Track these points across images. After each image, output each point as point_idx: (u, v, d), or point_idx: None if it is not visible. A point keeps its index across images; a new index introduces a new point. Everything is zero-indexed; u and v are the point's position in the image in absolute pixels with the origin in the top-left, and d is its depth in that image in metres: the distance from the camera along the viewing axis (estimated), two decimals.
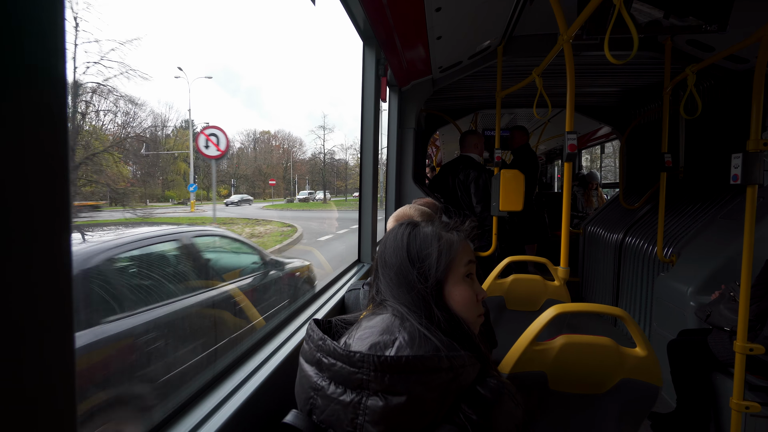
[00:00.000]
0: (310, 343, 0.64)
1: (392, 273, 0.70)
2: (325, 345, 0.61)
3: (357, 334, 0.64)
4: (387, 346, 0.59)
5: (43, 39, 0.35)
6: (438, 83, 2.91)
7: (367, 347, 0.60)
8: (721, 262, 2.17)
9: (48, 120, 0.36)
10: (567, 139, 1.82)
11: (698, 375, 1.87)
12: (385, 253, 0.73)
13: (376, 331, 0.62)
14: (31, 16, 0.34)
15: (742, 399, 1.53)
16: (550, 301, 1.93)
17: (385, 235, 0.77)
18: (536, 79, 2.24)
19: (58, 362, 0.38)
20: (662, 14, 1.72)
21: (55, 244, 0.37)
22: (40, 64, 0.35)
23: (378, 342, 0.60)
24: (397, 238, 0.72)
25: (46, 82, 0.36)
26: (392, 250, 0.72)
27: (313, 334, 0.64)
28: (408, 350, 0.58)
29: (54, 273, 0.37)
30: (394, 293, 0.69)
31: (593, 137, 5.69)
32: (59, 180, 0.37)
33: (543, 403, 1.20)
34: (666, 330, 2.33)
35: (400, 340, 0.60)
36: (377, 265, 0.75)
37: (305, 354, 0.64)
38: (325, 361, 0.60)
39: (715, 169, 2.78)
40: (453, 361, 0.58)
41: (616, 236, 3.34)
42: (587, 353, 1.14)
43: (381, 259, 0.74)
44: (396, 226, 0.76)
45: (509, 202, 2.56)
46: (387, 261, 0.72)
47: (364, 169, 2.15)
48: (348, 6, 1.65)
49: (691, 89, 2.17)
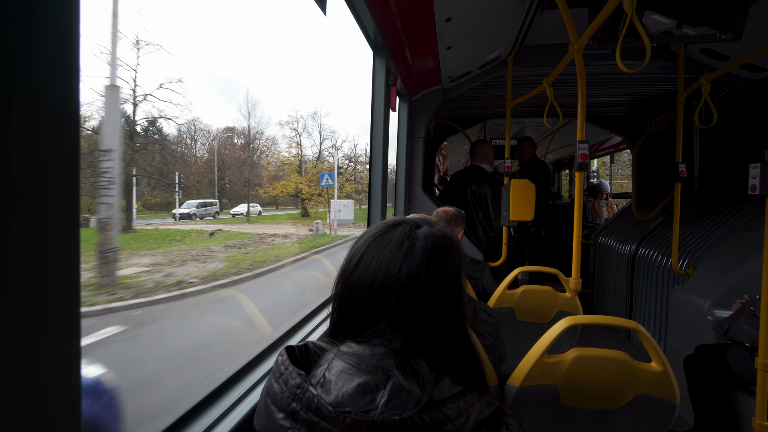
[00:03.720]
0: (282, 386, 0.52)
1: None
2: (304, 397, 0.50)
3: (338, 366, 0.53)
4: (378, 388, 0.50)
5: (55, 38, 0.36)
6: (448, 93, 2.92)
7: (353, 389, 0.50)
8: (739, 275, 2.11)
9: (58, 121, 0.36)
10: (578, 149, 1.80)
11: (717, 392, 1.80)
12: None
13: (363, 368, 0.52)
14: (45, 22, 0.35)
15: (765, 419, 1.47)
16: (561, 312, 1.90)
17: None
18: (547, 88, 2.23)
19: (62, 362, 0.38)
20: (675, 24, 1.70)
21: (64, 243, 0.37)
22: (53, 66, 0.36)
23: (366, 382, 0.50)
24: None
25: (59, 83, 0.36)
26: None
27: (285, 373, 0.52)
28: (404, 395, 0.50)
29: (60, 269, 0.37)
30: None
31: (602, 147, 5.64)
32: (68, 180, 0.37)
33: (554, 419, 1.16)
34: (682, 345, 2.26)
35: (395, 381, 0.50)
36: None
37: (274, 397, 0.52)
38: (303, 415, 0.49)
39: (731, 179, 2.72)
40: (459, 408, 0.50)
41: (629, 247, 3.28)
42: (600, 367, 1.11)
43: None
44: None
45: (519, 212, 2.53)
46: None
47: (374, 178, 2.15)
48: (359, 16, 1.67)
49: (705, 99, 2.14)
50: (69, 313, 0.38)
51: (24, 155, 0.33)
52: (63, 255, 0.37)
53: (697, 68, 2.46)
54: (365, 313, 0.55)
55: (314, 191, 25.83)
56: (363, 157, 30.61)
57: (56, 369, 0.37)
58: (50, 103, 0.35)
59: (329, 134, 33.16)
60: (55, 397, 0.37)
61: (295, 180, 25.62)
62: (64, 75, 0.37)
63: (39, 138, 0.34)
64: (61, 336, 0.37)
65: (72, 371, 0.38)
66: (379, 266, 0.56)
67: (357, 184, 27.12)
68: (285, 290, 7.07)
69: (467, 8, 1.82)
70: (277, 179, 26.00)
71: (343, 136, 65.42)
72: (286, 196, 26.18)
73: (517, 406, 1.14)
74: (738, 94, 2.65)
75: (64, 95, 0.37)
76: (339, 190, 24.31)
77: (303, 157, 27.36)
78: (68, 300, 0.38)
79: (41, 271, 0.35)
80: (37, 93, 0.34)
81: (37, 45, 0.34)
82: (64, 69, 0.37)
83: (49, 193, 0.36)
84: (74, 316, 0.38)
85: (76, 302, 0.38)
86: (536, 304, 1.92)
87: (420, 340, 0.54)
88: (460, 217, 1.71)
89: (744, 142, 2.60)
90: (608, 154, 6.09)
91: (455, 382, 0.53)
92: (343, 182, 26.68)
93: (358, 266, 0.57)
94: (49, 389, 0.36)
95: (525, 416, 1.16)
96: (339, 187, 24.95)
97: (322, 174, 22.08)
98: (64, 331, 0.38)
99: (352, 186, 26.92)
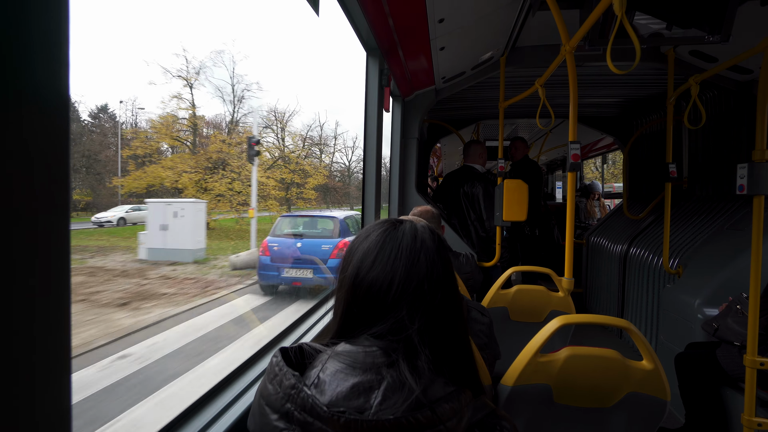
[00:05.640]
0: (277, 387, 0.52)
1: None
2: (299, 398, 0.50)
3: (332, 366, 0.53)
4: (373, 389, 0.50)
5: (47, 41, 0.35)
6: (441, 93, 2.92)
7: (347, 389, 0.50)
8: (728, 273, 2.14)
9: (50, 122, 0.36)
10: (570, 149, 1.82)
11: (707, 389, 1.83)
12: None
13: (358, 368, 0.52)
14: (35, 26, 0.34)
15: (753, 415, 1.49)
16: (554, 312, 1.91)
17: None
18: (539, 89, 2.25)
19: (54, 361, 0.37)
20: (664, 25, 1.72)
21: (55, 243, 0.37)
22: (44, 66, 0.35)
23: (361, 382, 0.51)
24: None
25: (49, 84, 0.36)
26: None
27: (279, 374, 0.53)
28: (398, 395, 0.50)
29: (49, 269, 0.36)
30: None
31: (594, 147, 5.70)
32: (59, 179, 0.37)
33: (548, 418, 1.17)
34: (673, 342, 2.29)
35: (388, 380, 0.51)
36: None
37: (268, 398, 0.52)
38: (298, 416, 0.49)
39: (719, 179, 2.76)
40: (453, 408, 0.50)
41: (621, 247, 3.31)
42: (593, 366, 1.12)
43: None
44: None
45: (513, 212, 2.55)
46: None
47: (368, 179, 2.15)
48: (352, 17, 1.67)
49: (694, 99, 2.17)
50: (58, 314, 0.37)
51: (11, 152, 0.33)
52: (52, 254, 0.37)
53: (686, 69, 2.50)
54: (382, 307, 0.56)
55: (215, 183, 14.93)
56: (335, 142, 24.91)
57: (47, 373, 0.36)
58: (39, 99, 0.35)
59: (250, 89, 21.05)
60: (45, 398, 0.36)
61: (173, 165, 14.74)
62: (53, 71, 0.36)
63: (28, 134, 0.34)
64: (51, 335, 0.37)
65: (63, 374, 0.38)
66: (399, 259, 0.58)
67: (295, 174, 17.37)
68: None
69: (460, 9, 1.83)
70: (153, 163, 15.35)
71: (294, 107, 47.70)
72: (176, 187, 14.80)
73: (511, 405, 1.15)
74: (726, 95, 2.69)
75: (54, 91, 0.36)
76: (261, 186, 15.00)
77: (197, 122, 16.62)
78: (58, 301, 0.37)
79: (30, 270, 0.35)
80: (28, 89, 0.34)
81: (27, 41, 0.34)
82: (54, 65, 0.36)
83: (37, 191, 0.35)
84: (64, 316, 0.38)
85: (66, 303, 0.38)
86: (529, 304, 1.93)
87: (429, 331, 0.55)
88: (438, 216, 1.76)
89: (732, 142, 2.64)
90: (600, 155, 6.15)
91: (449, 383, 0.53)
92: (288, 174, 16.55)
93: (375, 262, 0.58)
94: (39, 388, 0.36)
95: (518, 415, 1.16)
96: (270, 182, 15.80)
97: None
98: (54, 331, 0.37)
99: (285, 176, 16.76)
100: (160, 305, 6.88)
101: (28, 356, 0.35)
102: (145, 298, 7.19)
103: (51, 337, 0.37)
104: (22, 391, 0.35)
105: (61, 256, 0.37)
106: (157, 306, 6.83)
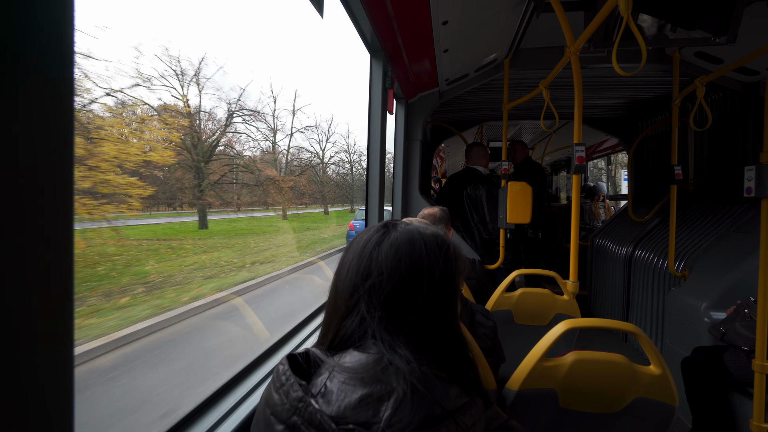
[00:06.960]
0: (283, 397, 0.50)
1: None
2: (306, 412, 0.48)
3: (340, 375, 0.52)
4: (382, 400, 0.48)
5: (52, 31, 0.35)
6: (444, 96, 2.92)
7: (355, 401, 0.49)
8: (735, 276, 2.12)
9: (54, 117, 0.36)
10: (575, 151, 1.81)
11: (715, 394, 1.80)
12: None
13: (367, 378, 0.51)
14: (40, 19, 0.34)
15: (763, 421, 1.47)
16: (559, 315, 1.90)
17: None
18: (543, 91, 2.24)
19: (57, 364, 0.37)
20: (670, 27, 1.71)
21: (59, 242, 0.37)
22: (49, 60, 0.35)
23: (370, 393, 0.49)
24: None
25: (54, 77, 0.36)
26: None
27: (286, 384, 0.51)
28: (409, 408, 0.48)
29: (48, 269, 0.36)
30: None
31: (599, 149, 5.67)
32: (62, 178, 0.37)
33: (554, 423, 1.16)
34: (679, 347, 2.27)
35: (399, 392, 0.49)
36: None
37: (274, 407, 0.51)
38: (304, 430, 0.48)
39: (726, 181, 2.74)
40: (473, 417, 0.49)
41: (626, 249, 3.29)
42: (599, 370, 1.10)
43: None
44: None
45: (517, 215, 2.54)
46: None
47: (371, 180, 2.15)
48: (356, 19, 1.67)
49: (700, 101, 2.16)
50: (63, 314, 0.37)
51: (18, 151, 0.33)
52: (56, 253, 0.36)
53: (691, 71, 2.48)
54: (386, 312, 0.55)
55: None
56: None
57: (49, 372, 0.36)
58: (44, 95, 0.35)
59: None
60: (48, 397, 0.36)
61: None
62: (58, 68, 0.36)
63: (31, 131, 0.34)
64: (55, 334, 0.36)
65: (65, 374, 0.38)
66: (400, 261, 0.57)
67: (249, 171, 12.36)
68: None
69: (464, 11, 1.82)
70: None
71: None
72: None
73: (516, 409, 1.14)
74: (732, 97, 2.67)
75: (59, 87, 0.36)
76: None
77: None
78: (62, 300, 0.37)
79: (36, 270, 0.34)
80: (32, 85, 0.34)
81: (34, 37, 0.34)
82: (59, 60, 0.36)
83: (43, 190, 0.35)
84: (68, 316, 0.38)
85: (69, 304, 0.38)
86: (534, 307, 1.92)
87: (425, 338, 0.54)
88: (446, 217, 1.70)
89: (738, 144, 2.62)
90: (605, 156, 6.12)
91: (462, 393, 0.51)
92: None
93: (371, 266, 0.57)
94: (42, 386, 0.36)
95: (524, 420, 1.15)
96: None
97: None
98: (59, 330, 0.37)
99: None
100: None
101: (30, 357, 0.35)
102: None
103: (53, 335, 0.37)
104: (23, 391, 0.34)
105: (65, 252, 0.37)
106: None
